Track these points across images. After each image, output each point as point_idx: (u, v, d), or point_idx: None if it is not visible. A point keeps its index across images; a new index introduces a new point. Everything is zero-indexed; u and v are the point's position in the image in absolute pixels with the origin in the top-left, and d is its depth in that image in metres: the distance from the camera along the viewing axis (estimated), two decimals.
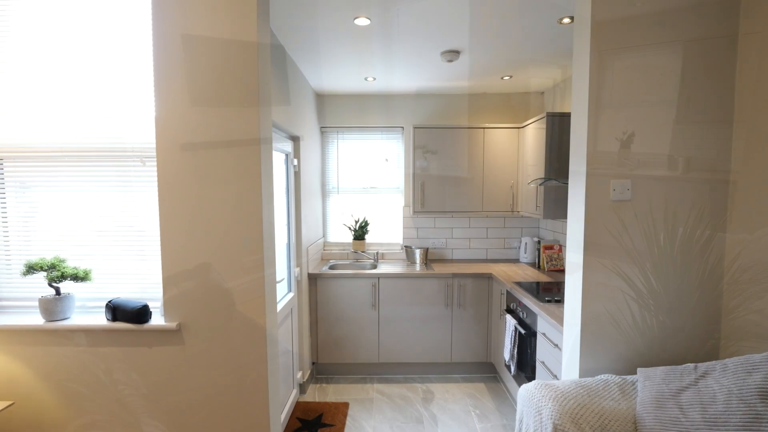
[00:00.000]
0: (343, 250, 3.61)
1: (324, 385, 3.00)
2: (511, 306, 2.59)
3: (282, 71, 2.36)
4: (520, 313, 2.43)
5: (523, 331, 2.27)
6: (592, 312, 1.60)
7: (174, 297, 1.62)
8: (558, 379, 1.90)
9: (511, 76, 3.00)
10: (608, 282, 1.60)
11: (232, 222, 1.59)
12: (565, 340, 1.73)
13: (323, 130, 3.58)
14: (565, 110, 3.03)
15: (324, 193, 3.62)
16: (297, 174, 2.77)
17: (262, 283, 1.62)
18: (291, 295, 2.62)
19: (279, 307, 2.32)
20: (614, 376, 1.49)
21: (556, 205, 2.76)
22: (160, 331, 1.64)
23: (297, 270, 2.75)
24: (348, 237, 3.63)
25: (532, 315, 2.25)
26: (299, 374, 2.76)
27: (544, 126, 2.75)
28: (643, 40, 1.54)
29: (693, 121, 1.57)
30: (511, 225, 3.57)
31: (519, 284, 2.64)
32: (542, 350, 2.10)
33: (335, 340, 3.06)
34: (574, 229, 1.65)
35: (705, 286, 1.61)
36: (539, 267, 3.20)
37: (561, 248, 3.09)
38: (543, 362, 2.07)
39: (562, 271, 3.05)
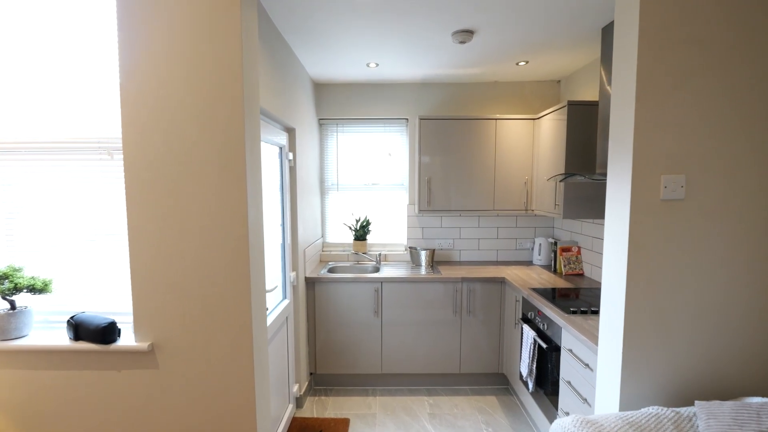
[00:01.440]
0: (344, 251, 3.37)
1: (323, 397, 2.77)
2: (529, 315, 2.36)
3: (276, 56, 2.11)
4: (540, 324, 2.20)
5: (544, 345, 2.04)
6: (636, 329, 1.37)
7: (145, 312, 1.39)
8: (589, 403, 1.67)
9: (527, 62, 2.74)
10: (656, 294, 1.36)
11: (212, 223, 1.35)
12: (600, 361, 1.50)
13: (321, 122, 3.33)
14: (587, 99, 2.77)
15: (322, 190, 3.37)
16: (292, 169, 2.53)
17: (248, 294, 1.38)
18: (286, 302, 2.39)
19: (272, 317, 2.08)
20: (664, 408, 1.26)
21: (578, 204, 2.52)
22: (129, 353, 1.40)
23: (293, 274, 2.51)
24: (348, 237, 3.39)
25: (555, 327, 2.02)
26: (295, 387, 2.54)
27: (565, 116, 2.50)
28: (705, 7, 1.29)
29: (763, 105, 1.32)
30: (524, 224, 3.33)
31: (536, 290, 2.40)
32: (568, 368, 1.86)
33: (335, 349, 2.83)
34: (616, 233, 1.41)
35: None
36: (555, 270, 2.96)
37: (580, 250, 2.85)
38: (569, 382, 1.84)
39: (581, 275, 2.81)
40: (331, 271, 3.08)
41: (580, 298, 2.24)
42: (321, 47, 2.43)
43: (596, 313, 1.98)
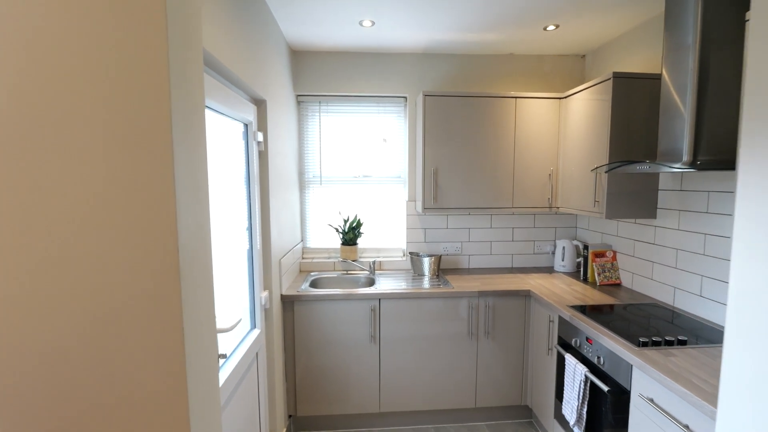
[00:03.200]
0: (329, 258, 2.78)
1: None
2: (573, 342, 1.86)
3: (241, 8, 1.49)
4: (591, 356, 1.70)
5: (605, 388, 1.54)
6: None
7: None
8: None
9: (557, 26, 2.23)
10: None
11: (112, 232, 0.74)
12: (719, 426, 1.00)
13: (300, 100, 2.71)
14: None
15: (302, 184, 2.76)
16: (263, 154, 1.91)
17: (180, 348, 0.78)
18: (256, 333, 1.79)
19: (232, 365, 1.48)
20: None
21: (622, 201, 2.04)
22: None
23: (265, 294, 1.91)
24: (335, 241, 2.80)
25: (616, 360, 1.53)
26: None
27: (608, 94, 2.01)
28: None
29: None
30: (542, 224, 2.85)
31: (579, 309, 1.91)
32: (645, 423, 1.37)
33: (320, 385, 2.25)
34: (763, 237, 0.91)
35: None
36: (586, 279, 2.50)
37: (615, 255, 2.40)
38: None
39: (619, 285, 2.36)
40: (314, 284, 2.49)
41: (635, 320, 1.76)
42: None
43: (671, 344, 1.50)
